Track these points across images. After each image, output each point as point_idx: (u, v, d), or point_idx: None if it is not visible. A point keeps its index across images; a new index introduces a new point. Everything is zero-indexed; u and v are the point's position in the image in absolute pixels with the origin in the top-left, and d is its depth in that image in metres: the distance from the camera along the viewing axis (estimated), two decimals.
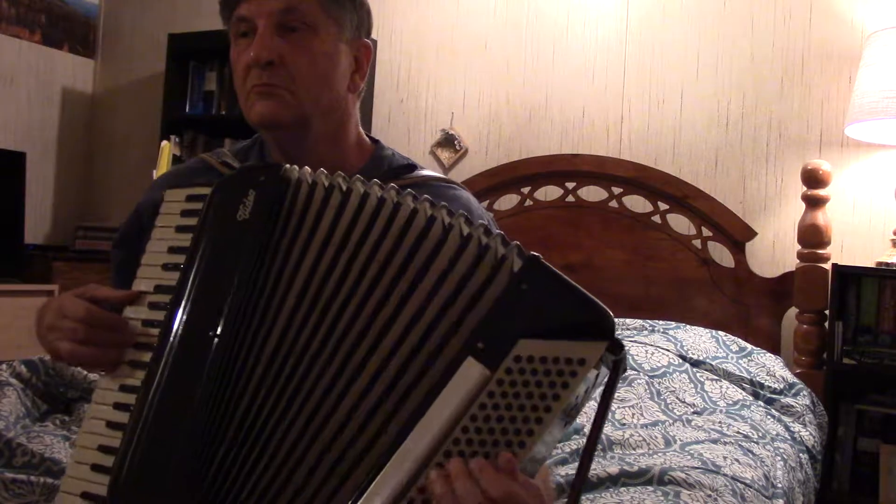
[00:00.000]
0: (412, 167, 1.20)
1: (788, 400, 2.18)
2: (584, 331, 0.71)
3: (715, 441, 1.83)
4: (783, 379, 2.25)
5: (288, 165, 0.90)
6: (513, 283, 0.75)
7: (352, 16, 1.13)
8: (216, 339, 0.84)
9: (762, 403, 2.16)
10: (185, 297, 0.87)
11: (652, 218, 2.74)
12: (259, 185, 0.88)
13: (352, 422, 0.78)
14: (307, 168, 0.90)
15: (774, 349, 2.48)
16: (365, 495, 0.73)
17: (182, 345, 0.86)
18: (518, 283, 0.74)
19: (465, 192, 1.21)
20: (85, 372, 1.92)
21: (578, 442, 1.76)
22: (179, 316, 0.87)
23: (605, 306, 0.73)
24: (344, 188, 0.85)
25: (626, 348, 0.72)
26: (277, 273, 0.85)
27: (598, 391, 0.77)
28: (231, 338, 0.84)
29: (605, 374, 0.74)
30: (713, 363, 2.27)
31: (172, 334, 0.86)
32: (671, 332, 2.40)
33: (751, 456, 1.75)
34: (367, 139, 1.22)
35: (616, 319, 2.49)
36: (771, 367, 2.28)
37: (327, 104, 1.12)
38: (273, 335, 0.83)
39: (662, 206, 2.74)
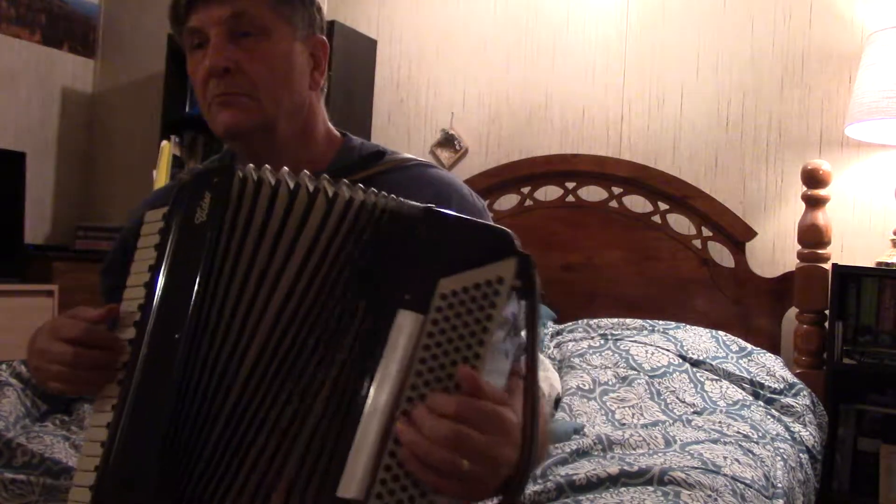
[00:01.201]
0: (382, 154, 1.18)
1: (788, 400, 2.18)
2: (493, 254, 0.78)
3: (715, 441, 1.83)
4: (783, 379, 2.25)
5: (244, 166, 0.89)
6: (417, 234, 0.82)
7: (303, 14, 1.13)
8: (181, 342, 0.84)
9: (762, 403, 2.16)
10: (153, 307, 0.87)
11: (652, 218, 2.74)
12: (214, 187, 0.89)
13: (291, 403, 0.81)
14: (264, 166, 0.89)
15: (774, 349, 2.48)
16: (347, 465, 0.76)
17: (150, 351, 0.86)
18: (421, 233, 0.81)
19: (443, 172, 1.20)
20: None
21: (579, 442, 1.76)
22: (149, 325, 0.87)
23: (504, 228, 0.80)
24: (272, 181, 0.86)
25: (532, 258, 0.80)
26: (220, 269, 0.85)
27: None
28: (195, 340, 0.84)
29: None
30: (713, 363, 2.27)
31: (143, 344, 0.86)
32: (671, 332, 2.40)
33: (751, 456, 1.75)
34: (336, 133, 1.22)
35: (616, 319, 2.48)
36: (771, 367, 2.28)
37: (290, 105, 1.11)
38: (221, 331, 0.84)
39: (662, 206, 2.74)
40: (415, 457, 0.73)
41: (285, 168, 0.88)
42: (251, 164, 0.89)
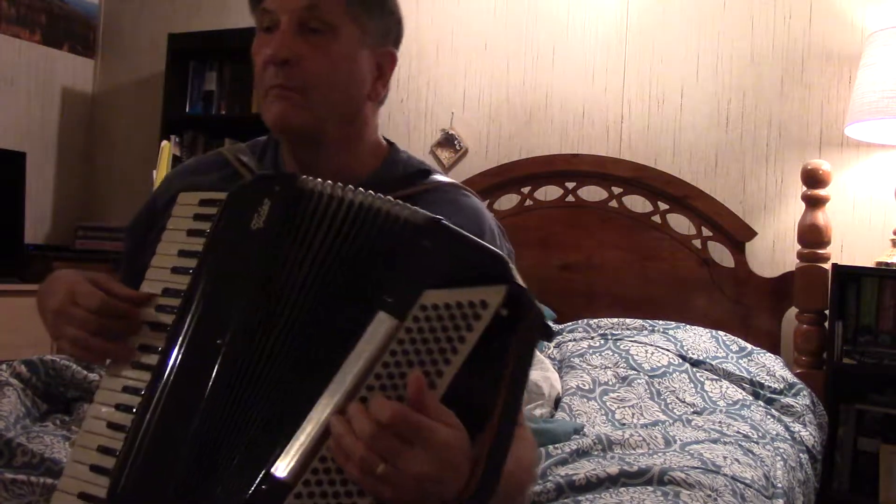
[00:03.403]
0: (427, 172, 1.18)
1: (788, 400, 2.18)
2: (486, 278, 0.77)
3: (715, 441, 1.83)
4: (783, 379, 2.25)
5: (304, 176, 0.89)
6: (416, 241, 0.81)
7: (378, 22, 1.12)
8: (224, 348, 0.83)
9: (762, 403, 2.16)
10: (195, 304, 0.87)
11: (652, 218, 2.74)
12: (274, 196, 0.88)
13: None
14: (327, 181, 0.89)
15: (774, 349, 2.47)
16: (287, 446, 0.77)
17: (189, 351, 0.85)
18: (420, 241, 0.81)
19: (476, 201, 1.19)
20: (85, 372, 1.92)
21: (579, 442, 1.76)
22: (188, 321, 0.86)
23: (502, 254, 0.80)
24: (349, 200, 0.85)
25: (535, 303, 0.77)
26: (283, 283, 0.85)
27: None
28: (240, 346, 0.83)
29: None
30: (713, 363, 2.27)
31: (180, 339, 0.86)
32: (671, 332, 2.40)
33: (751, 456, 1.74)
34: (383, 143, 1.20)
35: (616, 319, 2.47)
36: (771, 367, 2.28)
37: (343, 110, 1.10)
38: (270, 343, 0.83)
39: (662, 206, 2.74)
40: (338, 449, 0.75)
41: (350, 186, 0.88)
42: (319, 179, 0.89)
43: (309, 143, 1.10)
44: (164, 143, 3.34)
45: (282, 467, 0.76)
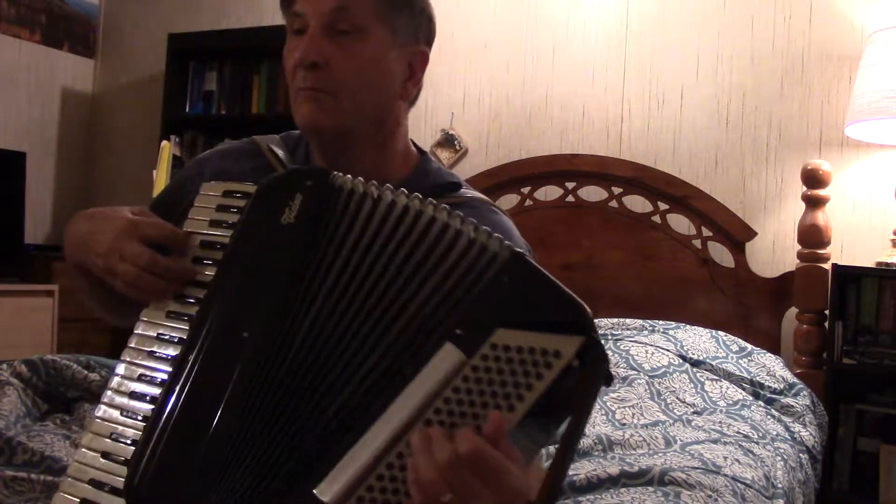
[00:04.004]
0: (457, 185, 1.18)
1: (788, 400, 2.18)
2: (562, 325, 0.74)
3: (715, 441, 1.83)
4: (783, 379, 2.25)
5: (336, 172, 0.88)
6: (496, 275, 0.77)
7: (408, 21, 1.11)
8: (249, 342, 0.82)
9: (762, 403, 2.16)
10: (220, 296, 0.86)
11: (652, 218, 2.74)
12: (306, 190, 0.87)
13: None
14: (358, 177, 0.88)
15: (774, 349, 2.48)
16: (336, 468, 0.75)
17: (213, 343, 0.84)
18: (500, 276, 0.77)
19: (506, 219, 1.19)
20: (85, 372, 1.92)
21: (579, 442, 1.76)
22: (212, 312, 0.85)
23: (584, 304, 0.76)
24: (388, 200, 0.84)
25: (610, 355, 0.73)
26: (310, 280, 0.84)
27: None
28: (265, 340, 0.82)
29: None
30: (713, 363, 2.27)
31: (204, 331, 0.84)
32: (671, 332, 2.40)
33: (751, 456, 1.75)
34: (413, 151, 1.20)
35: (616, 319, 2.47)
36: (771, 367, 2.28)
37: (372, 111, 1.10)
38: (299, 338, 0.82)
39: (662, 206, 2.74)
40: (412, 465, 0.73)
41: (388, 185, 0.86)
42: (349, 176, 0.87)
43: (338, 144, 1.10)
44: (164, 143, 3.35)
45: (327, 491, 0.74)
